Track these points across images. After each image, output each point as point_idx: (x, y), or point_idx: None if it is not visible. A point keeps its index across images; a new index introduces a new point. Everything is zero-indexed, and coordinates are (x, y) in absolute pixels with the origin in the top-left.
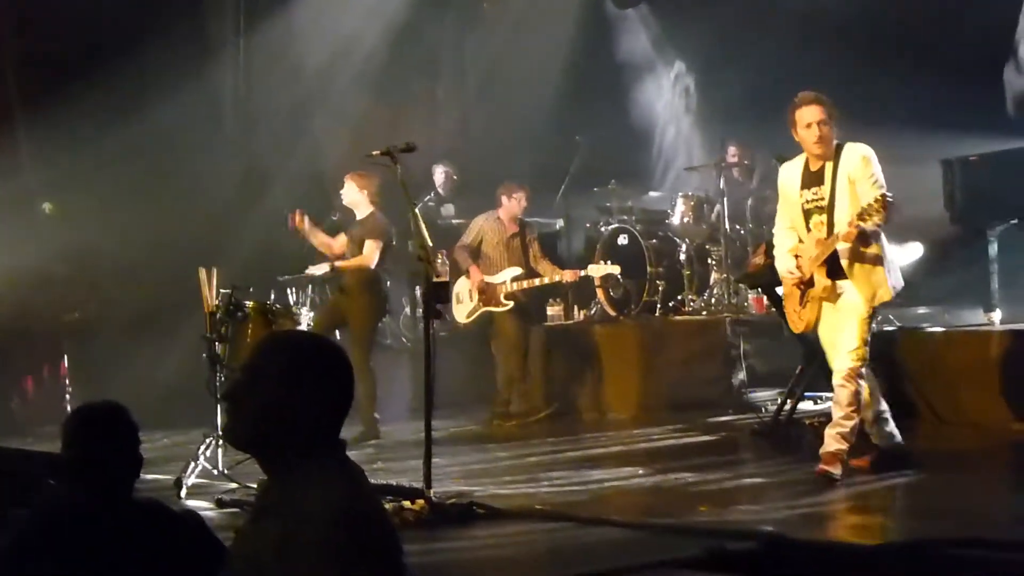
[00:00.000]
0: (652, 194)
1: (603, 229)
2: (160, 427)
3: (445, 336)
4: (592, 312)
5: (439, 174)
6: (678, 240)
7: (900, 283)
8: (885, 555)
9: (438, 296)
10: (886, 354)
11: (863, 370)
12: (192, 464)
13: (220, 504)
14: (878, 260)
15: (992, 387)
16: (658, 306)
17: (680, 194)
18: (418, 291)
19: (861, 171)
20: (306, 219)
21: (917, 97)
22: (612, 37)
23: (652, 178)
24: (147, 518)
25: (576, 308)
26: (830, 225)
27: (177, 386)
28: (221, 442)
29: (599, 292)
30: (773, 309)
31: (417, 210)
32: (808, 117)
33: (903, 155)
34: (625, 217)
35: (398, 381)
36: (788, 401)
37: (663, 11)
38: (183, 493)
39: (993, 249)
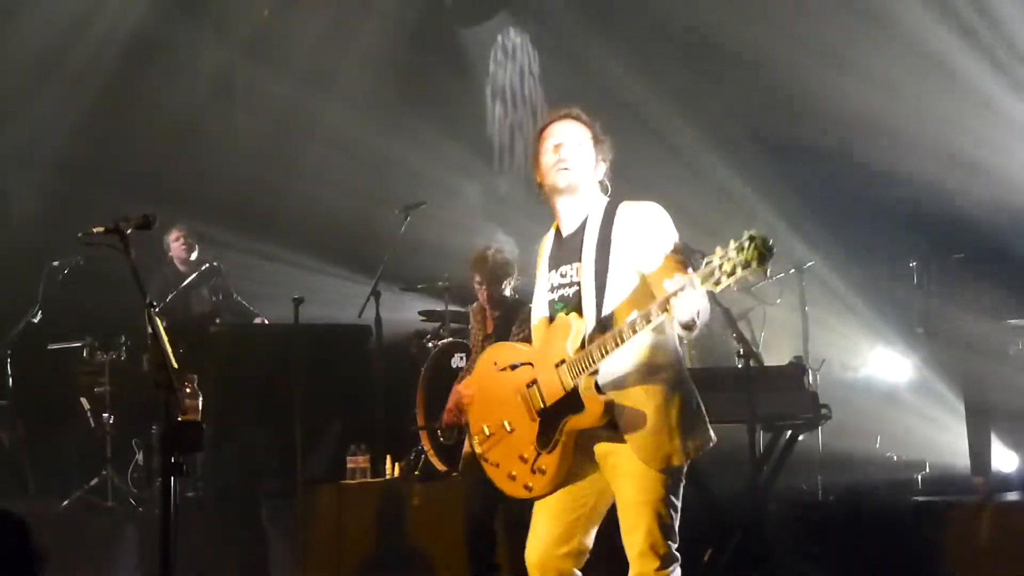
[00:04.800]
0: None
1: (430, 344)
2: None
3: (194, 497)
4: (413, 465)
5: (175, 243)
6: None
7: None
8: None
9: (184, 441)
10: None
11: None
12: None
13: None
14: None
15: None
16: None
17: None
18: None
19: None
20: None
21: None
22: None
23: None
24: None
25: (389, 459)
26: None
27: None
28: None
29: (423, 436)
30: None
31: (154, 312)
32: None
33: None
34: (463, 326)
35: (121, 561)
36: None
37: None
38: None
39: None
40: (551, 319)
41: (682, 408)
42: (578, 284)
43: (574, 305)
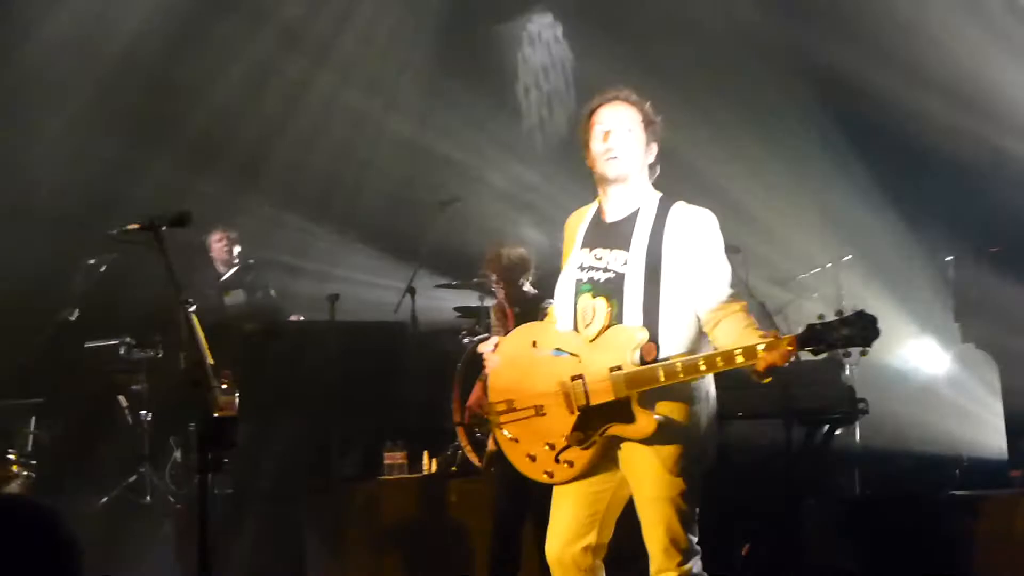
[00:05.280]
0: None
1: (465, 339)
2: None
3: (231, 494)
4: (450, 461)
5: (217, 244)
6: None
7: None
8: None
9: (220, 438)
10: None
11: None
12: None
13: None
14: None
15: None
16: None
17: None
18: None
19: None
20: None
21: None
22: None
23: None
24: None
25: (427, 456)
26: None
27: None
28: None
29: (460, 432)
30: None
31: (190, 309)
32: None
33: None
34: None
35: (159, 558)
36: None
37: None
38: None
39: None
40: (576, 298)
41: (703, 412)
42: (614, 272)
43: (605, 291)
